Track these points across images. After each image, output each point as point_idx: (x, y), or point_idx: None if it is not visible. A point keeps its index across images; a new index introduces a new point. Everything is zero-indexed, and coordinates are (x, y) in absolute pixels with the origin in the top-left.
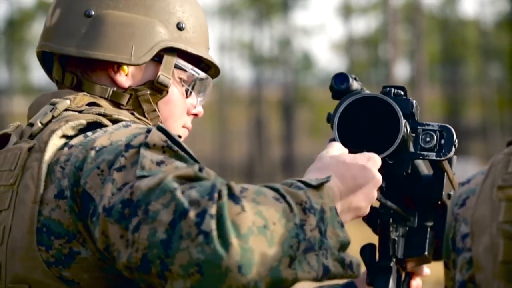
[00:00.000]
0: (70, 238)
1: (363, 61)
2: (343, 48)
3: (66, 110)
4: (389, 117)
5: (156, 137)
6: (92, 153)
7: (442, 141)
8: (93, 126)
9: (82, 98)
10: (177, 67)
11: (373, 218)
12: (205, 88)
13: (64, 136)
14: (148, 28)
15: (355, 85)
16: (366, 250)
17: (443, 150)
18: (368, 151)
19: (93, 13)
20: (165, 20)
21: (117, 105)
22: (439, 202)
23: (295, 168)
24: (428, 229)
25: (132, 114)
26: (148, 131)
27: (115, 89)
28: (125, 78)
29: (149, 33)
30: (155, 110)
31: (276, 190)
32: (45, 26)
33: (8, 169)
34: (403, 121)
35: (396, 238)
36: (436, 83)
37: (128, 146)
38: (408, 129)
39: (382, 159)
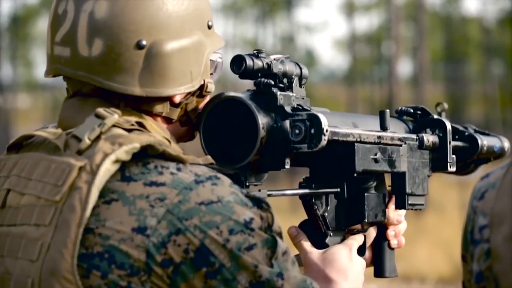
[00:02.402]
0: (132, 272)
1: (366, 58)
2: (346, 45)
3: (113, 125)
4: (248, 118)
5: (277, 225)
6: (202, 207)
7: (312, 131)
8: (144, 151)
9: (128, 113)
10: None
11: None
12: (215, 68)
13: (118, 161)
14: (196, 44)
15: (257, 64)
16: (305, 226)
17: (314, 141)
18: (233, 160)
19: (145, 43)
20: (201, 25)
21: (169, 121)
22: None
23: None
24: (366, 195)
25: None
26: (253, 200)
27: (169, 106)
28: (179, 96)
29: (198, 49)
30: (199, 114)
31: None
32: (78, 53)
33: (53, 183)
34: (260, 123)
35: (325, 214)
36: (438, 81)
37: (248, 225)
38: (279, 124)
39: (257, 159)
